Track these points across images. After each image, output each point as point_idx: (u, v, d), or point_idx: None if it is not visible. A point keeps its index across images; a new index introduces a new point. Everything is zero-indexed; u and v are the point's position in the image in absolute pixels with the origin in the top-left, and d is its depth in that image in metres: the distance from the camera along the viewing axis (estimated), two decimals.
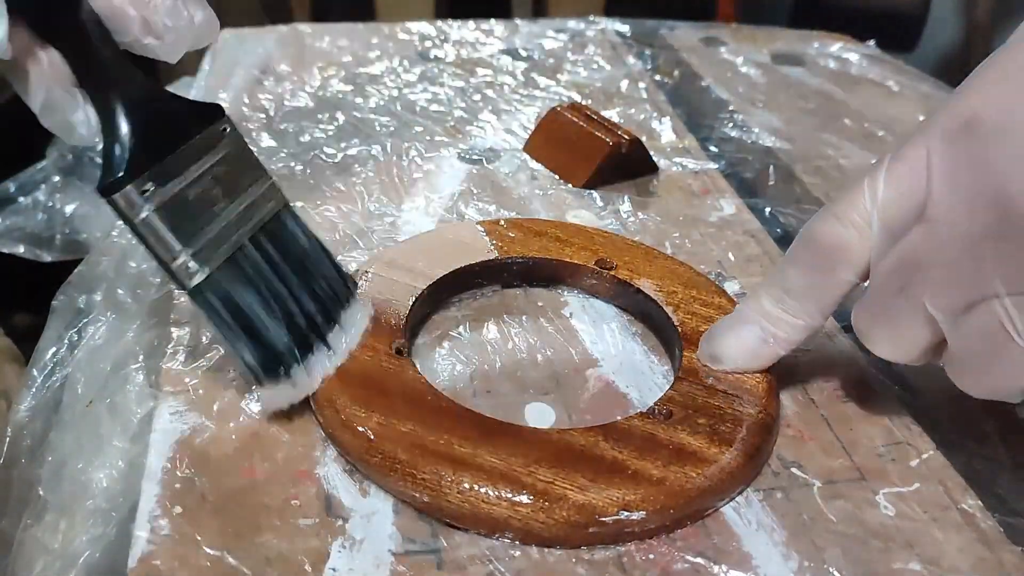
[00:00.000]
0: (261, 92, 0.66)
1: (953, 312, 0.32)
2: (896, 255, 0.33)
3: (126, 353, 0.42)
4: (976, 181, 0.31)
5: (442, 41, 0.77)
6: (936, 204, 0.32)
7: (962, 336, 0.33)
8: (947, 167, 0.32)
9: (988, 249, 0.31)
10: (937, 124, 0.32)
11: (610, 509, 0.32)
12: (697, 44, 0.80)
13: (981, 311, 0.31)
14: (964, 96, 0.32)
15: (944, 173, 0.32)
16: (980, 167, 0.30)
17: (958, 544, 0.34)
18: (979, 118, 0.31)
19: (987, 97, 0.31)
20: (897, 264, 0.33)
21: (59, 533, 0.37)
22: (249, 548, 0.32)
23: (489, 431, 0.35)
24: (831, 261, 0.36)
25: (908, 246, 0.33)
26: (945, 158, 0.32)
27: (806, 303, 0.37)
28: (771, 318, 0.37)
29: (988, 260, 0.31)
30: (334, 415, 0.36)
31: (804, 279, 0.37)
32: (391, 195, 0.54)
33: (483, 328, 0.44)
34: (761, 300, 0.38)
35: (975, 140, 0.31)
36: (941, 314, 0.33)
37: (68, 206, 0.64)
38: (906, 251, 0.33)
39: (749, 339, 0.38)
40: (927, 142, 0.32)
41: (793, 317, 0.37)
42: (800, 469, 0.37)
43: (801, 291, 0.37)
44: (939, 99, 0.72)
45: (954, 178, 0.31)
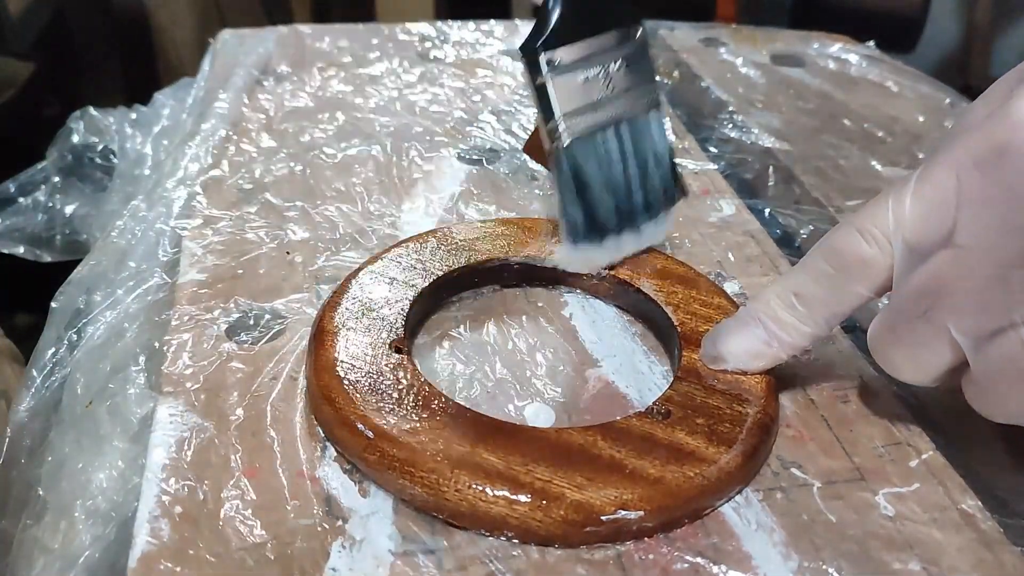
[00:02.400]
0: (261, 92, 0.66)
1: (978, 337, 0.32)
2: (921, 278, 0.33)
3: (126, 354, 0.42)
4: (1008, 211, 0.30)
5: (442, 42, 0.77)
6: (965, 230, 0.32)
7: (985, 361, 0.33)
8: (978, 194, 0.31)
9: (1017, 277, 0.31)
10: (968, 147, 0.32)
11: (608, 508, 0.32)
12: (697, 45, 0.80)
13: (1008, 338, 0.32)
14: (999, 121, 0.31)
15: (975, 200, 0.31)
16: (1014, 195, 0.30)
17: (958, 544, 0.34)
18: (1011, 146, 0.30)
19: (1018, 125, 0.30)
20: (922, 287, 0.33)
21: (59, 533, 0.37)
22: (249, 548, 0.32)
23: (488, 430, 0.35)
24: (849, 275, 0.35)
25: (934, 270, 0.33)
26: (976, 185, 0.31)
27: (816, 312, 0.37)
28: (778, 322, 0.37)
29: (1017, 287, 0.31)
30: (333, 414, 0.36)
31: (818, 288, 0.36)
32: (391, 195, 0.54)
33: (483, 328, 0.44)
34: (770, 303, 0.38)
35: (1008, 167, 0.30)
36: (966, 339, 0.33)
37: (68, 206, 0.64)
38: (932, 275, 0.33)
39: (753, 340, 0.38)
40: (957, 164, 0.32)
41: (801, 323, 0.37)
42: (800, 469, 0.37)
43: (813, 299, 0.37)
44: (939, 99, 0.72)
45: (985, 206, 0.31)
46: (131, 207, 0.53)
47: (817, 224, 0.54)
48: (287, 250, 0.48)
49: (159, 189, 0.53)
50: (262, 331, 0.42)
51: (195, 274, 0.46)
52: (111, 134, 0.66)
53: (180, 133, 0.62)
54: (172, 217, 0.50)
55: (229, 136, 0.59)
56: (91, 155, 0.65)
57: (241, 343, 0.41)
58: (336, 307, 0.41)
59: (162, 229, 0.49)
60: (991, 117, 0.31)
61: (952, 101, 0.71)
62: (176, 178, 0.54)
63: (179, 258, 0.47)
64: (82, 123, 0.67)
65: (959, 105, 0.71)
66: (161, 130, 0.66)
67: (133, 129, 0.66)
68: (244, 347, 0.41)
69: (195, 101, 0.66)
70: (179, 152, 0.57)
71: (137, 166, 0.64)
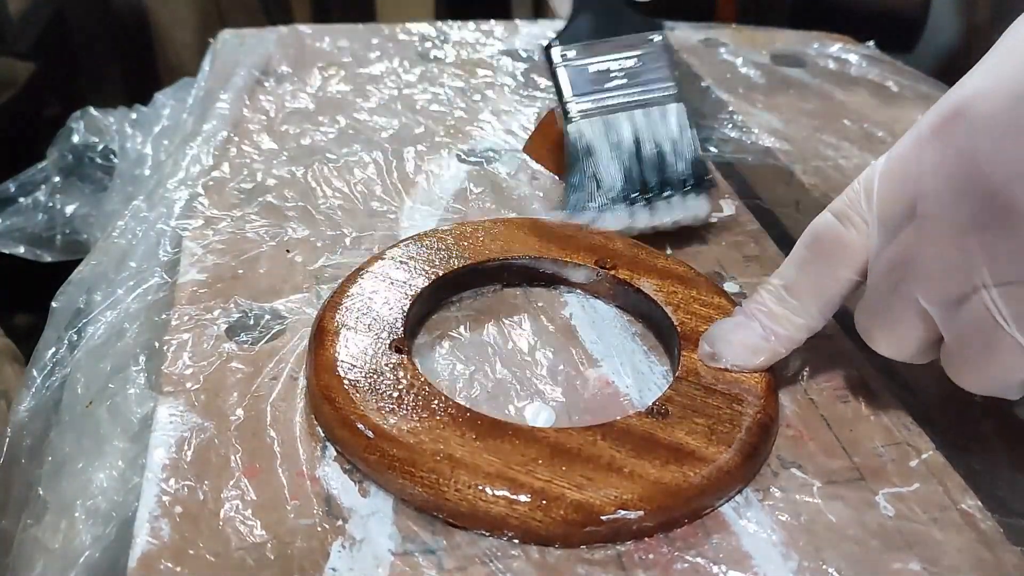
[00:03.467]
0: (262, 93, 0.66)
1: (945, 306, 0.33)
2: (890, 252, 0.34)
3: (126, 354, 0.42)
4: (961, 173, 0.31)
5: (442, 42, 0.77)
6: (925, 198, 0.32)
7: (955, 330, 0.33)
8: (935, 160, 0.32)
9: (974, 240, 0.31)
10: (927, 118, 0.32)
11: (607, 508, 0.32)
12: (697, 45, 0.80)
13: (972, 304, 0.32)
14: (953, 90, 0.32)
15: (932, 167, 0.32)
16: (965, 158, 0.31)
17: (958, 544, 0.34)
18: (964, 109, 0.31)
19: (972, 89, 0.31)
20: (891, 261, 0.34)
21: (59, 533, 0.37)
22: (249, 548, 0.32)
23: (488, 430, 0.35)
24: (831, 259, 0.36)
25: (901, 243, 0.33)
26: (933, 152, 0.32)
27: (807, 301, 0.37)
28: (773, 316, 0.38)
29: (975, 251, 0.31)
30: (333, 414, 0.36)
31: (805, 277, 0.37)
32: (391, 195, 0.54)
33: (483, 328, 0.44)
34: (763, 298, 0.38)
35: (960, 132, 0.31)
36: (934, 308, 0.33)
37: (68, 206, 0.64)
38: (899, 248, 0.33)
39: (750, 336, 0.38)
40: (919, 136, 0.33)
41: (794, 315, 0.37)
42: (800, 469, 0.37)
43: (802, 289, 0.37)
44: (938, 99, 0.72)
45: (941, 171, 0.31)
46: (132, 207, 0.53)
47: None
48: (287, 248, 0.48)
49: (160, 189, 0.53)
50: (262, 331, 0.42)
51: (195, 274, 0.46)
52: (111, 134, 0.66)
53: (181, 133, 0.62)
54: (173, 217, 0.50)
55: (230, 137, 0.59)
56: (91, 155, 0.65)
57: (241, 343, 0.41)
58: (336, 307, 0.41)
59: (163, 229, 0.49)
60: (944, 96, 0.32)
61: None
62: (177, 178, 0.54)
63: (179, 258, 0.47)
64: (82, 123, 0.67)
65: None
66: (161, 130, 0.66)
67: (133, 129, 0.66)
68: (244, 347, 0.41)
69: (195, 101, 0.66)
70: (180, 153, 0.57)
71: (137, 166, 0.64)
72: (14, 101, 1.08)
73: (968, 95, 0.31)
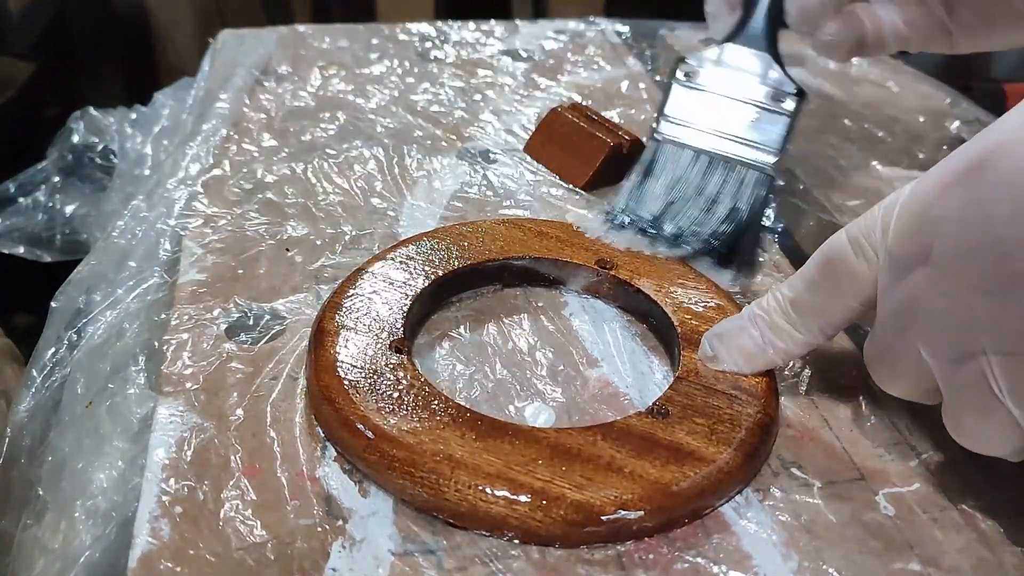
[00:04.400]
0: (262, 92, 0.66)
1: (946, 362, 0.31)
2: (899, 294, 0.33)
3: (126, 354, 0.42)
4: (977, 229, 0.29)
5: (442, 42, 0.77)
6: (940, 248, 0.30)
7: (953, 388, 0.32)
8: (954, 209, 0.30)
9: (981, 303, 0.29)
10: (952, 162, 0.31)
11: (607, 508, 0.32)
12: (697, 44, 0.80)
13: (971, 366, 0.30)
14: (981, 136, 0.30)
15: (950, 215, 0.30)
16: (983, 215, 0.29)
17: (958, 544, 0.34)
18: (989, 160, 0.29)
19: (999, 142, 0.29)
20: (899, 304, 0.33)
21: (59, 533, 0.37)
22: (249, 548, 0.32)
23: (488, 430, 0.35)
24: (839, 286, 0.35)
25: (911, 287, 0.32)
26: (954, 199, 0.30)
27: (810, 320, 0.37)
28: (774, 327, 0.37)
29: (979, 314, 0.29)
30: (333, 414, 0.36)
31: (812, 297, 0.36)
32: (392, 195, 0.54)
33: (483, 328, 0.44)
34: (768, 307, 0.38)
35: (982, 184, 0.29)
36: (935, 362, 0.32)
37: (68, 206, 0.64)
38: (908, 293, 0.32)
39: (749, 343, 0.38)
40: (942, 179, 0.31)
41: (795, 331, 0.37)
42: (800, 469, 0.37)
43: (807, 307, 0.36)
44: (939, 99, 0.72)
45: (958, 222, 0.30)
46: (132, 207, 0.53)
47: (817, 224, 0.54)
48: (286, 247, 0.48)
49: (160, 189, 0.53)
50: (262, 331, 0.42)
51: (195, 274, 0.46)
52: (111, 134, 0.66)
53: (180, 133, 0.62)
54: (173, 217, 0.50)
55: (230, 136, 0.59)
56: (91, 155, 0.65)
57: (241, 343, 0.41)
58: (336, 307, 0.41)
59: (163, 229, 0.49)
60: (978, 135, 0.30)
61: (952, 101, 0.71)
62: (177, 178, 0.54)
63: (179, 257, 0.47)
64: (82, 123, 0.67)
65: (959, 105, 0.71)
66: (161, 130, 0.66)
67: (133, 129, 0.66)
68: (244, 347, 0.41)
69: (195, 101, 0.66)
70: (180, 152, 0.57)
71: (137, 166, 0.64)
72: (14, 101, 1.08)
73: (995, 144, 0.29)
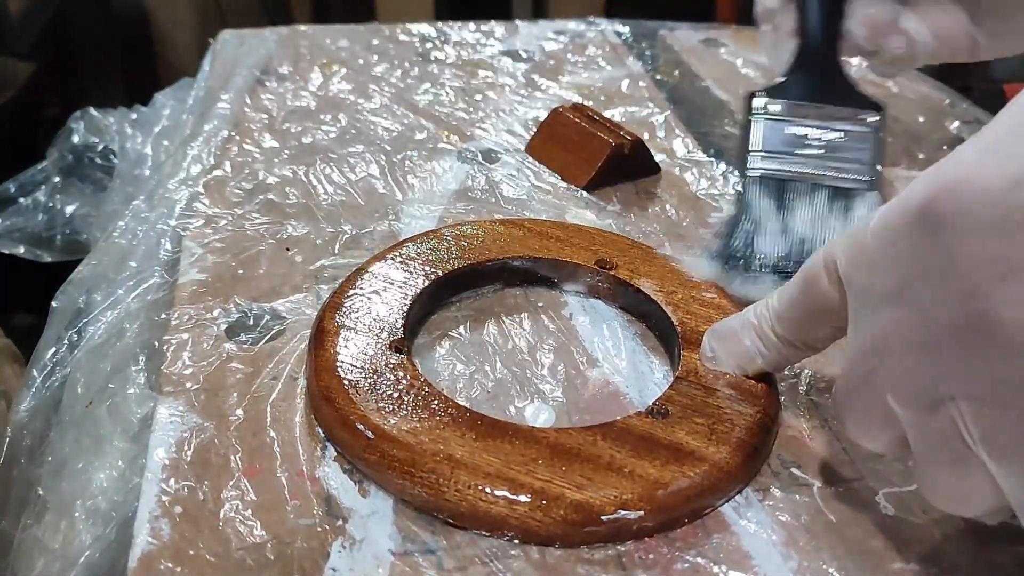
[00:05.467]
0: (263, 93, 0.66)
1: (914, 410, 0.29)
2: (866, 335, 0.30)
3: (126, 354, 0.42)
4: (941, 265, 0.27)
5: (442, 42, 0.77)
6: (910, 287, 0.28)
7: (922, 439, 0.29)
8: (917, 244, 0.27)
9: (950, 344, 0.27)
10: (916, 190, 0.27)
11: (607, 508, 0.32)
12: (697, 45, 0.80)
13: (941, 414, 0.28)
14: (948, 160, 0.27)
15: (914, 250, 0.27)
16: (947, 250, 0.26)
17: (958, 544, 0.34)
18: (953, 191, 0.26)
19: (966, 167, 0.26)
20: (867, 345, 0.30)
21: (59, 533, 0.37)
22: (249, 548, 0.32)
23: (488, 430, 0.35)
24: (813, 308, 0.34)
25: (879, 326, 0.29)
26: (917, 233, 0.27)
27: (793, 336, 0.36)
28: (763, 337, 0.37)
29: (948, 357, 0.27)
30: (333, 414, 0.36)
31: (793, 314, 0.35)
32: (392, 195, 0.54)
33: (483, 328, 0.44)
34: (758, 316, 0.37)
35: (946, 217, 0.26)
36: (901, 410, 0.29)
37: (68, 206, 0.64)
38: (876, 332, 0.30)
39: (741, 349, 0.38)
40: (906, 210, 0.28)
41: (782, 345, 0.36)
42: (800, 469, 0.37)
43: (791, 323, 0.35)
44: (939, 99, 0.72)
45: (922, 259, 0.27)
46: (132, 207, 0.53)
47: None
48: (286, 247, 0.48)
49: (160, 189, 0.53)
50: (262, 331, 0.42)
51: (195, 274, 0.46)
52: (111, 134, 0.66)
53: (181, 133, 0.62)
54: (174, 217, 0.50)
55: (231, 136, 0.59)
56: (91, 155, 0.66)
57: (241, 343, 0.41)
58: (336, 307, 0.41)
59: (163, 229, 0.49)
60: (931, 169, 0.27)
61: (952, 101, 0.71)
62: (178, 178, 0.54)
63: (179, 257, 0.47)
64: (82, 123, 0.67)
65: (959, 105, 0.71)
66: (161, 130, 0.66)
67: (133, 129, 0.66)
68: (244, 347, 0.41)
69: (195, 101, 0.66)
70: (181, 153, 0.57)
71: (137, 166, 0.64)
72: (14, 101, 1.08)
73: (961, 174, 0.26)
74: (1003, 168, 0.25)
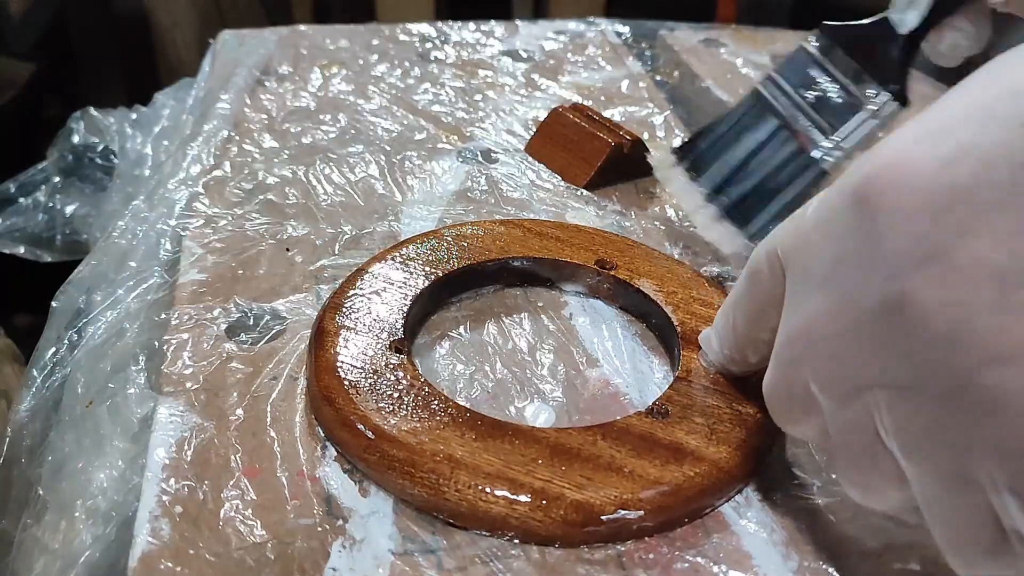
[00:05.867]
0: (263, 93, 0.66)
1: (834, 397, 0.28)
2: (796, 321, 0.30)
3: (126, 354, 0.42)
4: (869, 249, 0.26)
5: (442, 42, 0.77)
6: (839, 270, 0.28)
7: (841, 429, 0.29)
8: (849, 228, 0.27)
9: (871, 331, 0.26)
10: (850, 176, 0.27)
11: (607, 508, 0.32)
12: (697, 45, 0.80)
13: (858, 402, 0.27)
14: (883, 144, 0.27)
15: (846, 234, 0.27)
16: (875, 234, 0.26)
17: None
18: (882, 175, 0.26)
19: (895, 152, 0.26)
20: (795, 331, 0.30)
21: (59, 533, 0.37)
22: (249, 548, 0.32)
23: (488, 430, 0.35)
24: (758, 299, 0.33)
25: (808, 312, 0.29)
26: (850, 216, 0.27)
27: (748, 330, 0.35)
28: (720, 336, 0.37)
29: (871, 342, 0.26)
30: (333, 414, 0.36)
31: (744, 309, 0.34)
32: (392, 195, 0.54)
33: (483, 328, 0.44)
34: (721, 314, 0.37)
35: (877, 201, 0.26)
36: (823, 399, 0.29)
37: (68, 206, 0.64)
38: (805, 318, 0.29)
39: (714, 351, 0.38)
40: (840, 193, 0.28)
41: (739, 343, 0.36)
42: (800, 469, 0.37)
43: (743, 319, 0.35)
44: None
45: (853, 242, 0.27)
46: (132, 207, 0.53)
47: None
48: (286, 247, 0.48)
49: (160, 189, 0.53)
50: (262, 331, 0.42)
51: (195, 274, 0.46)
52: (111, 134, 0.66)
53: (181, 134, 0.62)
54: (173, 217, 0.50)
55: (231, 136, 0.59)
56: (91, 155, 0.66)
57: (241, 343, 0.41)
58: (336, 308, 0.41)
59: (163, 229, 0.49)
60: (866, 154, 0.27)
61: None
62: (178, 179, 0.54)
63: (179, 257, 0.47)
64: (82, 123, 0.67)
65: None
66: (161, 130, 0.66)
67: (133, 129, 0.66)
68: (244, 347, 0.41)
69: (195, 101, 0.66)
70: (181, 153, 0.57)
71: (137, 166, 0.64)
72: (14, 101, 1.08)
73: (895, 156, 0.26)
74: (935, 149, 0.25)
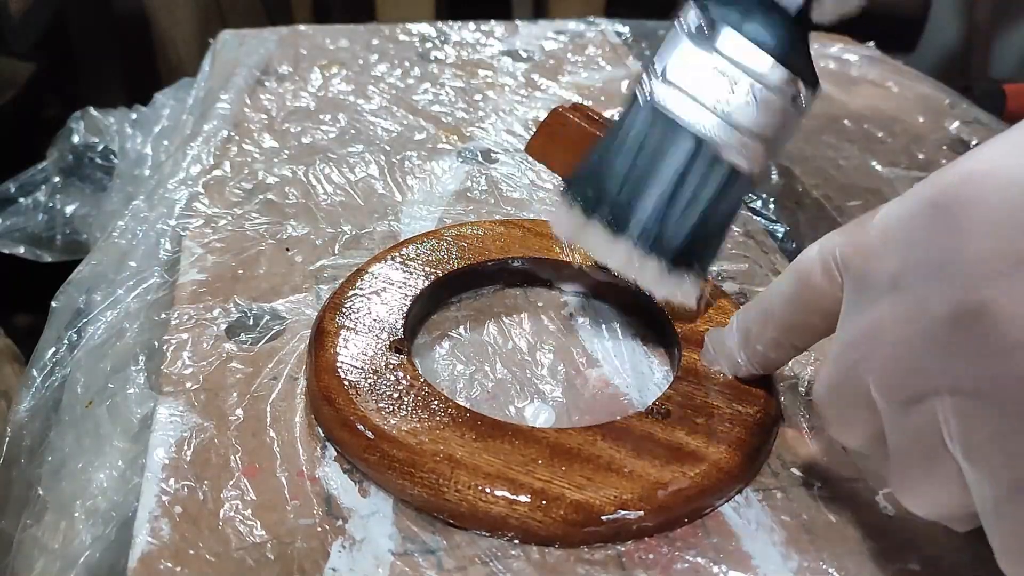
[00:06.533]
0: (263, 93, 0.66)
1: (896, 403, 0.28)
2: (859, 324, 0.30)
3: (126, 353, 0.42)
4: (946, 258, 0.27)
5: (442, 42, 0.77)
6: (911, 275, 0.28)
7: (899, 434, 0.29)
8: (925, 235, 0.27)
9: (944, 338, 0.27)
10: (928, 184, 0.28)
11: (607, 508, 0.32)
12: None
13: (922, 408, 0.28)
14: (965, 158, 0.27)
15: (922, 241, 0.28)
16: (953, 243, 0.26)
17: (958, 544, 0.34)
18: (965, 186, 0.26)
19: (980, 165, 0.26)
20: (857, 334, 0.30)
21: (59, 533, 0.37)
22: (249, 548, 0.32)
23: (488, 430, 0.35)
24: (805, 303, 0.33)
25: (874, 315, 0.29)
26: (926, 225, 0.28)
27: (779, 334, 0.35)
28: (747, 337, 0.37)
29: (940, 350, 0.27)
30: (333, 414, 0.36)
31: (782, 310, 0.34)
32: (392, 195, 0.54)
33: (483, 328, 0.44)
34: (747, 315, 0.37)
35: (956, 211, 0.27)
36: (884, 404, 0.29)
37: (68, 206, 0.64)
38: (869, 321, 0.29)
39: (727, 350, 0.38)
40: (918, 201, 0.28)
41: (766, 345, 0.36)
42: (800, 469, 0.37)
43: (778, 321, 0.35)
44: (939, 99, 0.72)
45: (928, 250, 0.27)
46: (132, 207, 0.53)
47: (817, 224, 0.54)
48: (286, 247, 0.48)
49: (160, 189, 0.53)
50: (262, 331, 0.42)
51: (195, 274, 0.46)
52: (111, 134, 0.66)
53: (181, 133, 0.62)
54: (173, 217, 0.50)
55: (231, 136, 0.59)
56: (91, 155, 0.66)
57: (241, 343, 0.41)
58: (336, 308, 0.41)
59: (163, 229, 0.49)
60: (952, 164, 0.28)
61: (952, 101, 0.71)
62: (178, 178, 0.54)
63: (179, 257, 0.47)
64: (82, 123, 0.67)
65: (959, 105, 0.71)
66: (161, 130, 0.66)
67: (133, 129, 0.66)
68: (244, 347, 0.41)
69: (195, 101, 0.66)
70: (181, 153, 0.57)
71: (137, 166, 0.64)
72: (14, 101, 1.08)
73: (979, 166, 0.26)
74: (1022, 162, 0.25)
